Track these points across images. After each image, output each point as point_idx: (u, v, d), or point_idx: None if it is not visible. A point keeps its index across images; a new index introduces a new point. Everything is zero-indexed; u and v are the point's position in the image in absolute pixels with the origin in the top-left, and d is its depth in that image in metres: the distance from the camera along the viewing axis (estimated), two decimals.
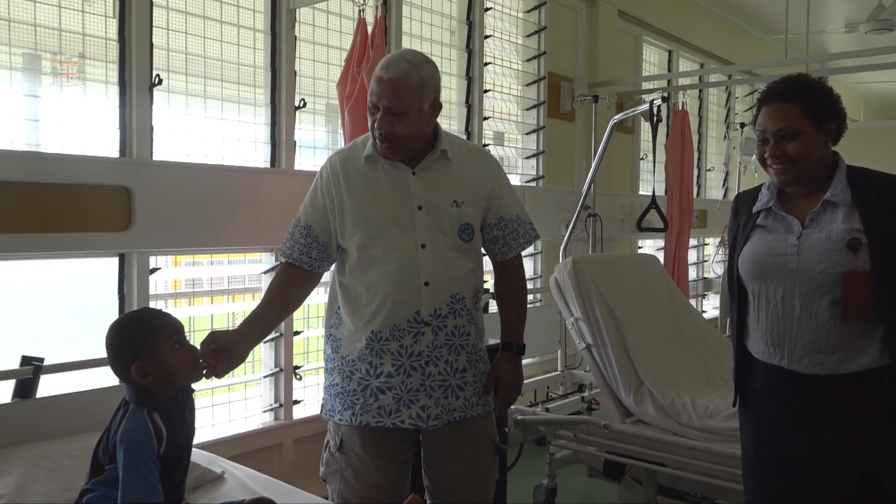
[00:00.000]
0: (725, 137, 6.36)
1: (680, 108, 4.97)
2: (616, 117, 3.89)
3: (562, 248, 4.09)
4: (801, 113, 1.75)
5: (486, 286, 4.17)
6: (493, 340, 3.19)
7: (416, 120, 1.87)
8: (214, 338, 1.79)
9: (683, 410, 2.90)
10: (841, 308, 1.71)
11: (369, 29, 2.88)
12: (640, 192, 5.25)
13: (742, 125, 6.03)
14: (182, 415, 1.70)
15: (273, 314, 2.03)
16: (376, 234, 1.91)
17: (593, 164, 4.03)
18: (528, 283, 4.66)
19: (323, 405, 2.07)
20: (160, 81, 2.72)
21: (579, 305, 3.17)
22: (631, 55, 5.40)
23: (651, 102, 3.51)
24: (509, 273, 2.12)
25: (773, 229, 1.84)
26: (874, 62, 5.09)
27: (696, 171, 6.18)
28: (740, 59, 6.37)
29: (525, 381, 3.85)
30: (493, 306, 3.46)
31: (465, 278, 1.97)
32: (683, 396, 2.95)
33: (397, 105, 1.84)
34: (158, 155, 2.76)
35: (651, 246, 5.56)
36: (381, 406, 1.93)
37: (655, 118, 3.46)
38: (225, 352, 1.80)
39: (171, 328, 1.65)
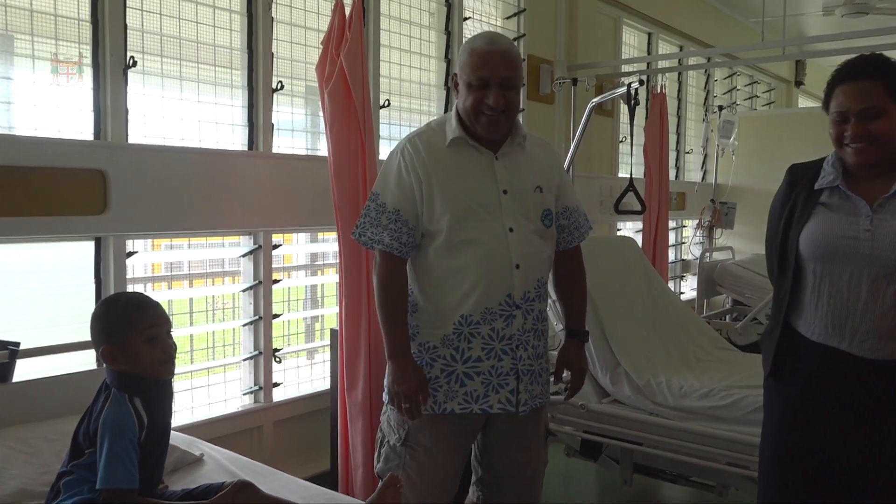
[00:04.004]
0: (704, 120, 6.41)
1: (659, 90, 4.99)
2: (594, 100, 3.91)
3: None
4: (884, 91, 1.70)
5: None
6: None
7: (519, 94, 1.94)
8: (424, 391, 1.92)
9: (658, 390, 2.94)
10: None
11: (347, 11, 2.86)
12: (620, 175, 5.27)
13: (720, 108, 6.07)
14: (163, 401, 1.70)
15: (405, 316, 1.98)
16: (465, 217, 1.90)
17: (572, 147, 4.05)
18: None
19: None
20: (135, 63, 2.69)
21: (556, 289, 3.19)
22: (611, 38, 5.40)
23: (629, 85, 3.53)
24: (574, 262, 2.15)
25: (839, 209, 1.79)
26: (851, 45, 5.13)
27: (675, 154, 6.23)
28: (719, 42, 6.39)
29: None
30: None
31: (546, 263, 2.03)
32: (659, 377, 3.00)
33: (512, 77, 1.88)
34: (134, 138, 2.73)
35: (630, 228, 5.60)
36: (469, 392, 1.92)
37: (633, 101, 3.48)
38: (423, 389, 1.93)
39: (148, 321, 1.63)
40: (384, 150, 3.71)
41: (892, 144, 1.72)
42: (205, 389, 3.08)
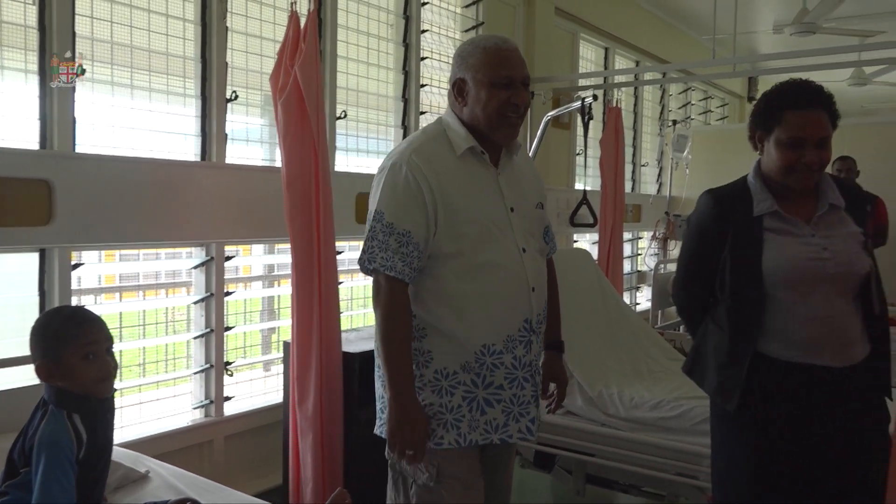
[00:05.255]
0: (659, 134, 6.52)
1: (614, 104, 5.07)
2: (549, 114, 3.96)
3: None
4: (828, 120, 1.81)
5: None
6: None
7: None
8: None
9: (610, 402, 2.98)
10: (862, 303, 1.83)
11: (302, 22, 2.85)
12: (577, 187, 5.34)
13: (675, 122, 6.19)
14: (104, 417, 1.67)
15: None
16: (485, 238, 1.77)
17: None
18: None
19: None
20: (83, 72, 2.64)
21: None
22: (568, 52, 5.48)
23: (583, 100, 3.58)
24: (550, 275, 2.05)
25: (786, 233, 1.84)
26: (799, 64, 5.29)
27: (631, 167, 6.32)
28: (674, 58, 6.53)
29: None
30: None
31: (546, 282, 1.94)
32: (611, 388, 3.04)
33: (527, 76, 1.81)
34: (82, 147, 2.68)
35: (588, 240, 5.66)
36: (489, 421, 1.79)
37: (587, 115, 3.53)
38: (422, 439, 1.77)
39: (86, 338, 1.59)
40: (341, 162, 3.71)
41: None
42: (154, 404, 3.02)
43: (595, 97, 3.83)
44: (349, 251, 4.24)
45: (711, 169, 6.17)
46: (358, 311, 4.00)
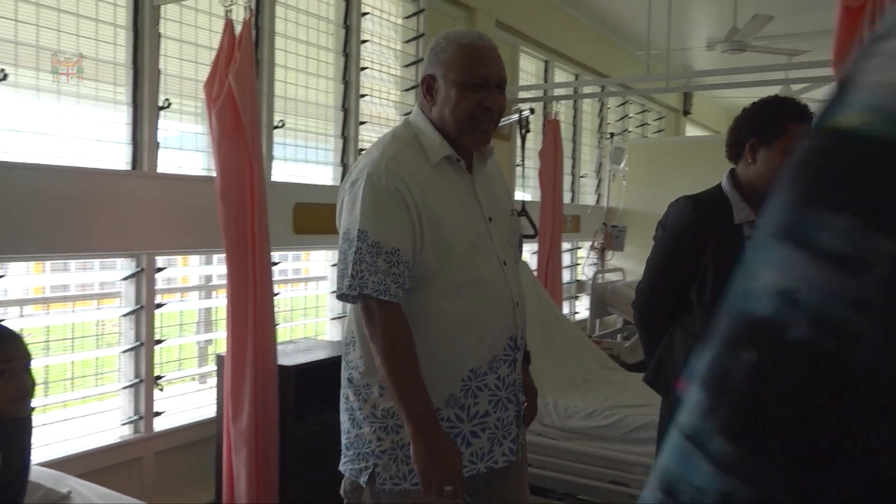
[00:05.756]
0: (598, 146, 6.65)
1: (553, 117, 5.15)
2: None
3: None
4: None
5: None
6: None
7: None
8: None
9: (546, 412, 3.02)
10: None
11: (237, 30, 2.81)
12: (517, 198, 5.39)
13: (612, 135, 6.32)
14: (20, 438, 1.61)
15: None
16: (468, 253, 1.63)
17: None
18: None
19: (372, 472, 1.64)
20: (5, 76, 2.55)
21: None
22: (508, 64, 5.53)
23: (520, 113, 3.62)
24: None
25: None
26: (731, 80, 5.47)
27: (570, 178, 6.43)
28: (612, 72, 6.67)
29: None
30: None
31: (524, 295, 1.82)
32: (546, 398, 3.07)
33: (505, 77, 1.67)
34: (5, 155, 2.59)
35: (527, 250, 5.73)
36: (475, 451, 1.66)
37: (524, 128, 3.57)
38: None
39: (2, 355, 1.53)
40: (278, 172, 3.67)
41: None
42: (82, 420, 2.92)
43: (532, 110, 3.88)
44: (288, 261, 4.20)
45: (648, 180, 6.34)
46: (298, 321, 3.96)
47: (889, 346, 0.33)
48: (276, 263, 3.25)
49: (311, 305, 4.15)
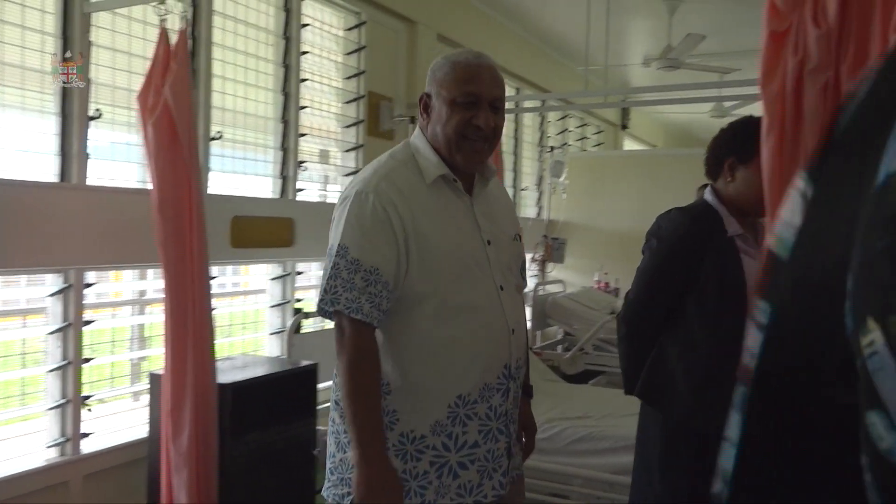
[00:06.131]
0: (539, 159, 6.73)
1: None
2: None
3: None
4: None
5: (299, 306, 4.11)
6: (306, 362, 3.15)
7: (504, 121, 1.68)
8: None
9: None
10: None
11: (172, 39, 2.75)
12: None
13: (552, 148, 6.41)
14: None
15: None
16: (461, 276, 1.58)
17: None
18: None
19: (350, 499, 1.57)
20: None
21: None
22: None
23: None
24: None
25: (751, 254, 1.94)
26: (665, 97, 5.62)
27: (512, 191, 6.49)
28: (553, 86, 6.78)
29: (326, 404, 3.88)
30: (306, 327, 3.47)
31: (525, 322, 1.76)
32: None
33: (501, 98, 1.63)
34: None
35: None
36: (463, 484, 1.59)
37: None
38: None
39: None
40: (217, 184, 3.59)
41: None
42: (5, 443, 2.79)
43: None
44: (227, 275, 4.11)
45: (587, 193, 6.45)
46: (236, 337, 3.88)
47: None
48: (213, 278, 3.17)
49: (250, 320, 4.07)
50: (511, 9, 5.89)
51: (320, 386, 3.23)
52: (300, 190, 4.12)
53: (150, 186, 2.77)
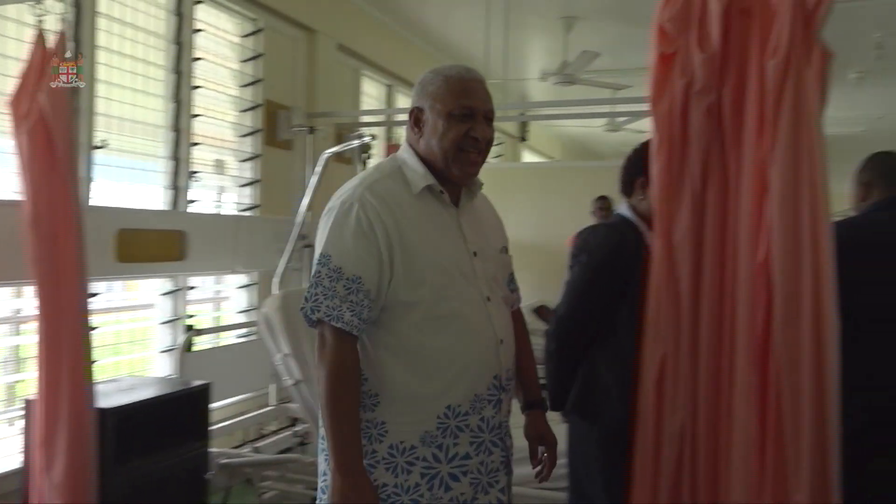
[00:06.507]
0: None
1: (395, 142, 5.18)
2: (327, 151, 3.94)
3: (275, 279, 4.01)
4: None
5: (191, 322, 3.94)
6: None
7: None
8: None
9: None
10: None
11: (50, 42, 2.58)
12: None
13: None
14: None
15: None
16: (448, 285, 1.59)
17: (306, 195, 4.03)
18: (241, 315, 4.51)
19: None
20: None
21: (288, 341, 3.13)
22: (351, 88, 5.52)
23: (360, 139, 3.61)
24: (521, 327, 1.87)
25: None
26: (562, 111, 5.77)
27: None
28: None
29: (234, 420, 3.75)
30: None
31: (513, 334, 1.77)
32: None
33: (493, 109, 1.67)
34: None
35: None
36: (455, 497, 1.58)
37: (365, 154, 3.56)
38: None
39: None
40: (99, 195, 3.40)
41: None
42: None
43: (373, 136, 3.88)
44: (116, 290, 3.89)
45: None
46: (124, 356, 3.67)
47: None
48: (95, 295, 2.99)
49: (138, 338, 3.87)
50: (413, 21, 5.90)
51: (213, 406, 3.10)
52: (193, 201, 3.96)
53: (21, 198, 2.58)
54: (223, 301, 4.52)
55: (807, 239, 1.55)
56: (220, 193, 4.36)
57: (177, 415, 2.96)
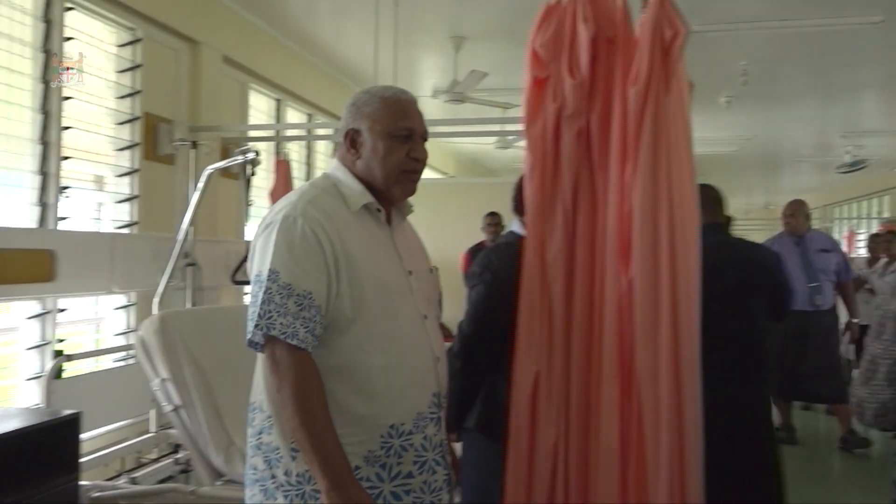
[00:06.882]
0: None
1: (283, 157, 5.10)
2: (212, 166, 3.83)
3: (155, 299, 3.85)
4: None
5: (61, 347, 3.72)
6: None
7: None
8: None
9: (240, 461, 2.90)
10: None
11: None
12: (248, 239, 5.23)
13: None
14: None
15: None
16: (387, 303, 1.58)
17: (188, 212, 3.90)
18: (119, 338, 4.30)
19: None
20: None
21: (166, 365, 2.99)
22: (238, 101, 5.39)
23: (244, 155, 3.53)
24: None
25: None
26: (454, 129, 5.85)
27: None
28: None
29: (113, 448, 3.55)
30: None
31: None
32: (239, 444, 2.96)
33: (426, 129, 1.71)
34: None
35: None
36: None
37: (249, 170, 3.48)
38: None
39: None
40: None
41: None
42: None
43: (257, 153, 3.80)
44: None
45: None
46: None
47: None
48: None
49: (2, 365, 3.61)
50: (302, 35, 5.84)
51: (84, 436, 2.93)
52: (63, 218, 3.74)
53: None
54: (103, 322, 4.29)
55: (665, 259, 1.63)
56: (98, 210, 4.15)
57: (43, 447, 2.77)
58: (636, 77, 1.70)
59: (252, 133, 5.20)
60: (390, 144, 1.64)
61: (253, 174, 3.51)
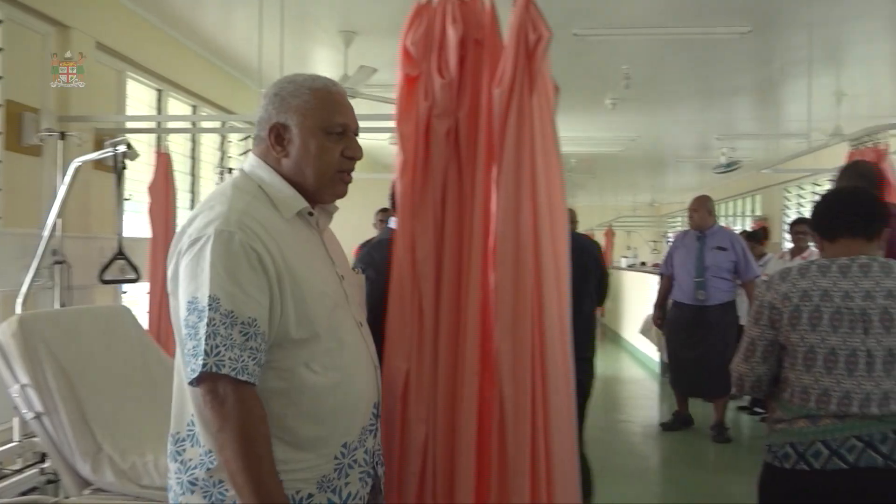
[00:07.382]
0: (220, 180, 6.48)
1: (164, 150, 4.90)
2: (77, 160, 3.63)
3: (19, 299, 3.61)
4: None
5: None
6: None
7: None
8: None
9: (145, 471, 2.79)
10: None
11: None
12: (127, 235, 4.98)
13: (231, 170, 6.23)
14: None
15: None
16: (331, 316, 1.47)
17: (55, 207, 3.68)
18: None
19: None
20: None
21: (27, 370, 2.83)
22: (114, 91, 5.12)
23: (114, 148, 3.36)
24: None
25: None
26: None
27: (188, 213, 6.15)
28: (235, 106, 6.60)
29: None
30: None
31: None
32: (146, 456, 2.85)
33: (358, 125, 1.60)
34: None
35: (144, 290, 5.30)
36: None
37: (120, 164, 3.32)
38: None
39: None
40: None
41: None
42: None
43: (129, 144, 3.63)
44: None
45: None
46: None
47: None
48: None
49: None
50: (184, 22, 5.61)
51: None
52: None
53: None
54: None
55: (529, 257, 1.67)
56: None
57: None
58: (501, 78, 1.73)
59: (130, 125, 4.96)
60: (324, 142, 1.51)
61: (124, 167, 3.34)
